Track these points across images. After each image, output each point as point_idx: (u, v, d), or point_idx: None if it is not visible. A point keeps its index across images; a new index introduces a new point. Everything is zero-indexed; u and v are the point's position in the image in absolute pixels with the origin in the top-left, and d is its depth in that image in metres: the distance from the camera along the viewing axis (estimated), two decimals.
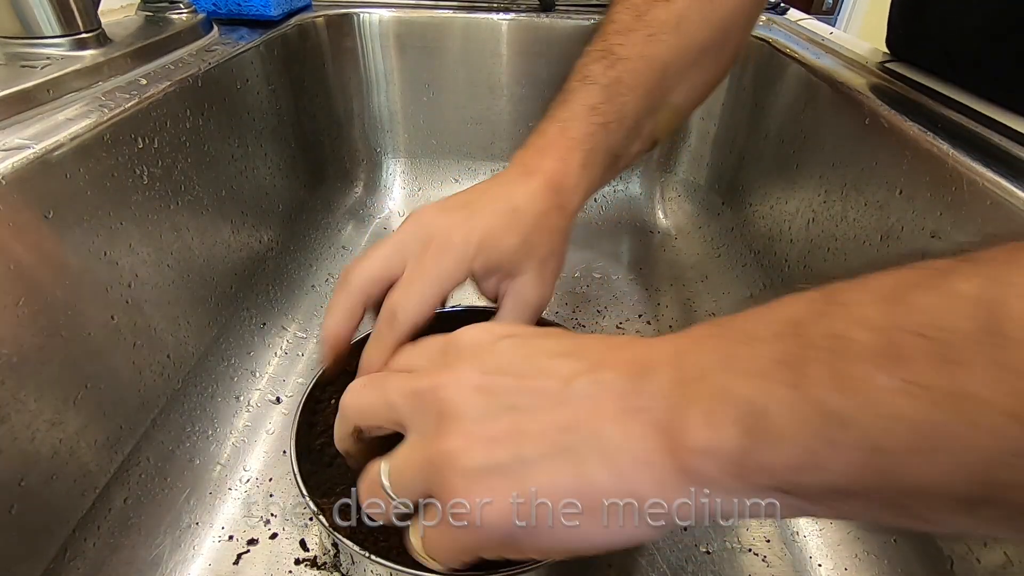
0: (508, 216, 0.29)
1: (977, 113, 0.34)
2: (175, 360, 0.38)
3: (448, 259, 0.28)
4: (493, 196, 0.30)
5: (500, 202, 0.30)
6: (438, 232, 0.28)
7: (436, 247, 0.28)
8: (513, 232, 0.29)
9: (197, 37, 0.45)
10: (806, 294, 0.18)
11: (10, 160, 0.26)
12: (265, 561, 0.34)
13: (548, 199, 0.30)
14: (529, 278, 0.30)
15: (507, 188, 0.30)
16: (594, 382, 0.20)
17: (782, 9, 0.63)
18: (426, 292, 0.28)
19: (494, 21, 0.60)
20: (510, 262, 0.29)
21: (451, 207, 0.30)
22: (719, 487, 0.17)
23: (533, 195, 0.30)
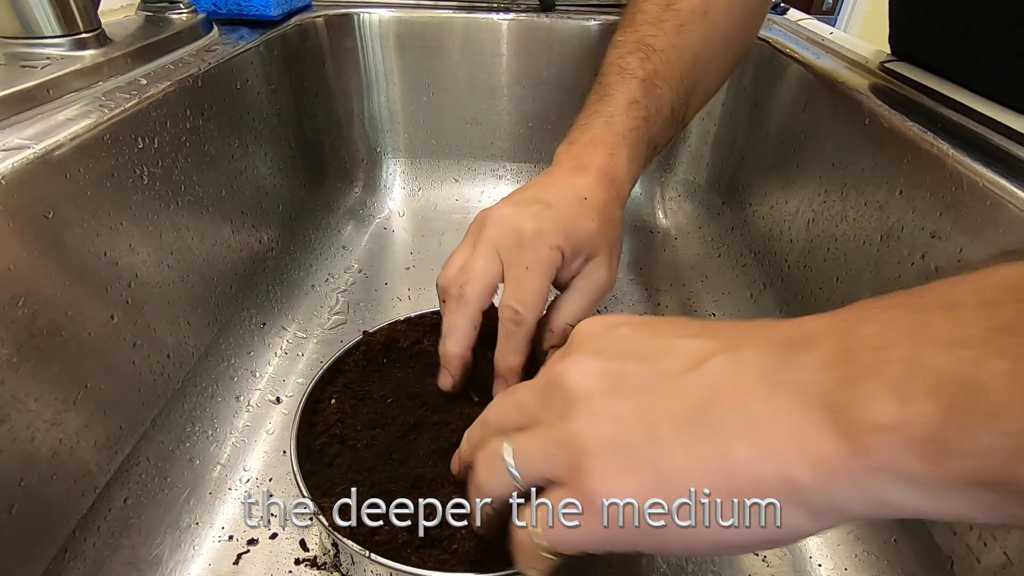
0: (580, 205, 0.31)
1: (977, 113, 0.34)
2: (175, 360, 0.38)
3: (545, 249, 0.29)
4: (559, 189, 0.31)
5: (569, 193, 0.31)
6: (526, 227, 0.29)
7: (531, 241, 0.29)
8: (588, 218, 0.30)
9: (197, 37, 0.45)
10: (1018, 263, 0.15)
11: (10, 160, 0.26)
12: (265, 561, 0.34)
13: (607, 190, 0.32)
14: (602, 260, 0.31)
15: (568, 182, 0.32)
16: (733, 360, 0.17)
17: (782, 9, 0.63)
18: (539, 286, 0.29)
19: (494, 21, 0.60)
20: (591, 245, 0.31)
21: (525, 202, 0.31)
22: (903, 475, 0.14)
23: (594, 187, 0.31)
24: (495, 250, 0.30)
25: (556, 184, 0.32)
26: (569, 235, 0.30)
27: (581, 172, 0.32)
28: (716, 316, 0.53)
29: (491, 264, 0.30)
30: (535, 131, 0.65)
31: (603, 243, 0.31)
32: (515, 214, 0.30)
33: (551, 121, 0.64)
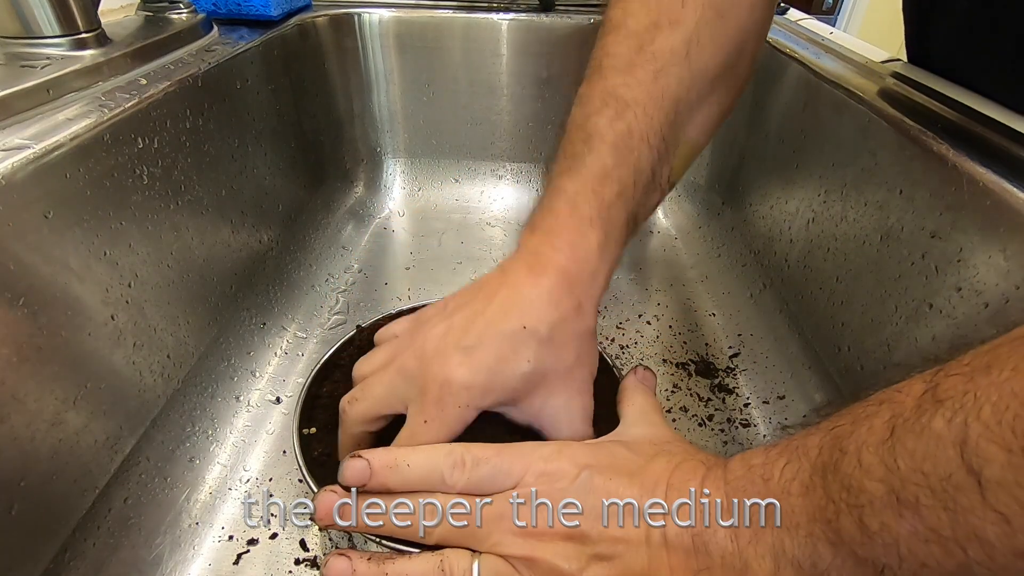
0: (515, 340, 0.26)
1: (977, 113, 0.34)
2: (175, 360, 0.38)
3: (451, 407, 0.26)
4: (497, 313, 0.26)
5: (506, 321, 0.26)
6: (438, 376, 0.26)
7: (437, 397, 0.25)
8: (522, 357, 0.26)
9: (197, 37, 0.45)
10: (814, 434, 0.20)
11: (10, 160, 0.26)
12: (265, 561, 0.34)
13: (562, 303, 0.27)
14: (557, 400, 0.27)
15: (513, 296, 0.27)
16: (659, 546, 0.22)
17: (782, 9, 0.63)
18: (431, 447, 0.26)
19: (494, 21, 0.59)
20: (526, 391, 0.27)
21: (454, 334, 0.26)
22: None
23: (544, 302, 0.26)
24: (402, 382, 0.27)
25: (498, 301, 0.27)
26: (490, 388, 0.26)
27: (536, 275, 0.27)
28: (716, 316, 0.53)
29: (388, 396, 0.27)
30: (535, 131, 0.65)
31: (549, 380, 0.27)
32: (435, 352, 0.26)
33: (551, 121, 0.64)
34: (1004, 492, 0.14)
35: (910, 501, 0.16)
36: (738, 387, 0.46)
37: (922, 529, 0.16)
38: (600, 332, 0.51)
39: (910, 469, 0.16)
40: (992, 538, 0.15)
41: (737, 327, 0.52)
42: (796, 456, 0.20)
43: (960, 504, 0.15)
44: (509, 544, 0.23)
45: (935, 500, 0.16)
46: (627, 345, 0.50)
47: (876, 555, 0.17)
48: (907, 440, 0.17)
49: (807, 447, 0.20)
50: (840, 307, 0.40)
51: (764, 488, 0.21)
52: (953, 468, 0.15)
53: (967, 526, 0.15)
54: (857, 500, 0.17)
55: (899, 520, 0.16)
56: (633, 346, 0.50)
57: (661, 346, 0.50)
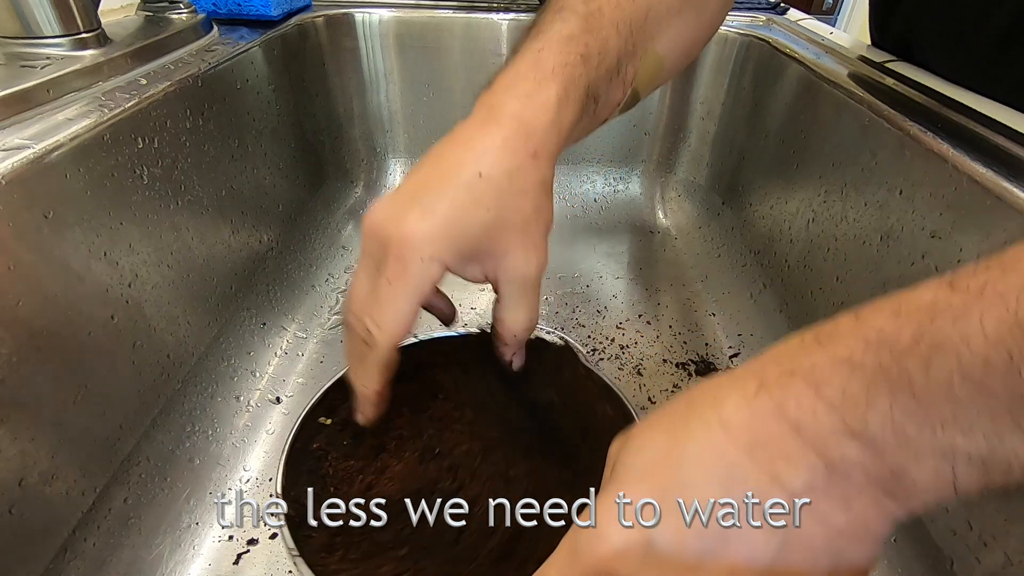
0: (472, 188, 0.25)
1: (977, 113, 0.34)
2: (175, 360, 0.38)
3: (414, 263, 0.25)
4: (451, 165, 0.26)
5: (460, 172, 0.25)
6: (395, 235, 0.25)
7: (396, 253, 0.24)
8: (481, 206, 0.25)
9: (197, 37, 0.45)
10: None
11: (10, 160, 0.26)
12: (265, 561, 0.34)
13: (518, 150, 0.25)
14: (516, 253, 0.26)
15: (467, 148, 0.26)
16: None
17: (782, 9, 0.63)
18: (400, 304, 0.25)
19: (494, 21, 0.59)
20: (488, 241, 0.26)
21: (405, 196, 0.26)
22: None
23: (499, 150, 0.25)
24: (371, 261, 0.26)
25: (452, 155, 0.26)
26: (453, 238, 0.25)
27: (488, 126, 0.26)
28: (716, 316, 0.53)
29: (367, 280, 0.26)
30: None
31: (508, 231, 0.26)
32: (387, 216, 0.25)
33: None
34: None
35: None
36: None
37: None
38: (600, 332, 0.51)
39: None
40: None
41: (737, 327, 0.52)
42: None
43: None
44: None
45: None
46: (627, 345, 0.50)
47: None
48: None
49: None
50: (840, 307, 0.40)
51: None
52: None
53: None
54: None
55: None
56: (633, 346, 0.50)
57: (661, 346, 0.50)
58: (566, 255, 0.61)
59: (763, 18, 0.61)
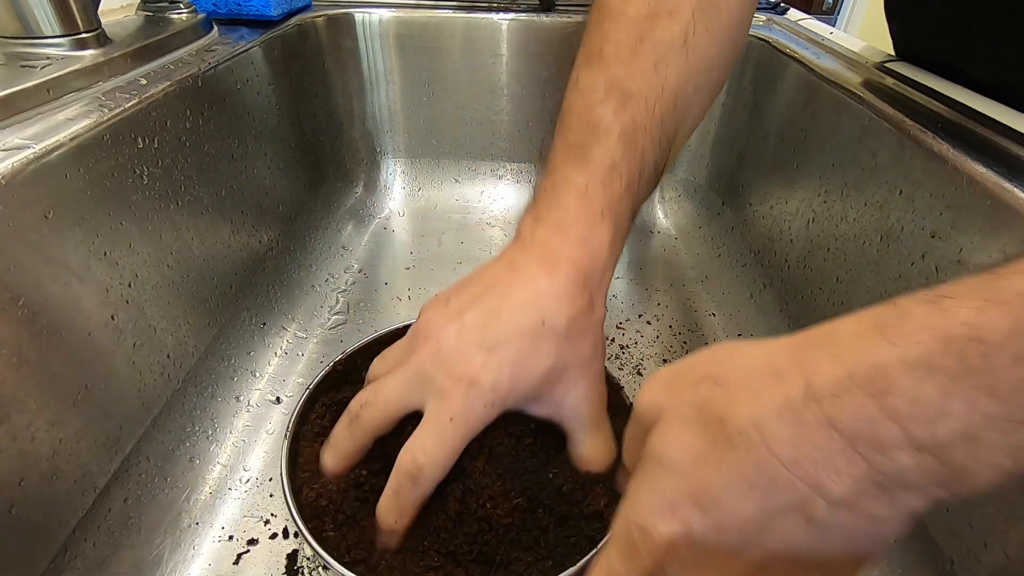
0: (535, 336, 0.26)
1: (977, 113, 0.34)
2: (175, 360, 0.38)
3: (477, 406, 0.25)
4: (514, 308, 0.26)
5: (524, 316, 0.26)
6: (464, 374, 0.25)
7: (463, 393, 0.25)
8: (544, 354, 0.26)
9: (197, 37, 0.45)
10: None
11: (10, 160, 0.26)
12: (265, 561, 0.34)
13: (578, 297, 0.26)
14: (576, 392, 0.27)
15: (528, 291, 0.26)
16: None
17: (782, 9, 0.63)
18: (456, 444, 0.25)
19: (494, 21, 0.59)
20: (548, 385, 0.26)
21: (470, 334, 0.26)
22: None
23: (560, 298, 0.26)
24: (418, 381, 0.26)
25: (514, 295, 0.26)
26: (515, 386, 0.25)
27: (549, 270, 0.27)
28: (716, 316, 0.53)
29: (405, 396, 0.26)
30: (535, 131, 0.65)
31: (567, 374, 0.26)
32: (455, 350, 0.26)
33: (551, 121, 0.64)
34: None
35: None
36: None
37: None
38: None
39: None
40: None
41: (737, 327, 0.52)
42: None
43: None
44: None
45: None
46: (627, 345, 0.50)
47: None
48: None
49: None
50: (840, 307, 0.40)
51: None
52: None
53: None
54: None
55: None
56: (633, 346, 0.50)
57: (661, 346, 0.50)
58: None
59: (763, 18, 0.61)
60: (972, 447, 0.14)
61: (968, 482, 0.15)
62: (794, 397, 0.17)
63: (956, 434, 0.14)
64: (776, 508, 0.17)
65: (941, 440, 0.15)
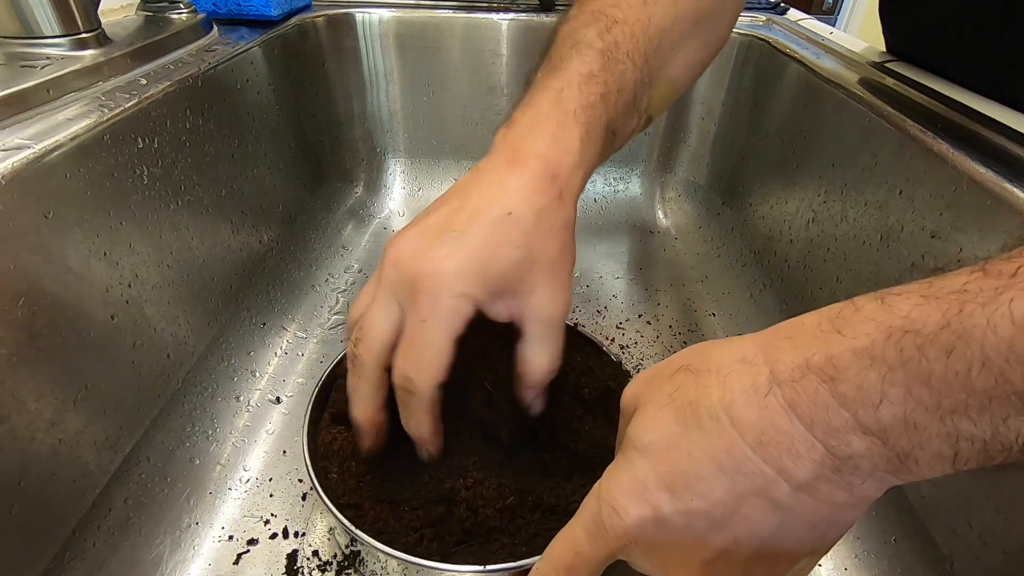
0: (501, 226, 0.25)
1: (977, 113, 0.34)
2: (175, 360, 0.38)
3: (445, 299, 0.24)
4: (480, 202, 0.26)
5: (489, 210, 0.25)
6: (423, 270, 0.24)
7: (428, 289, 0.24)
8: (511, 244, 0.25)
9: (197, 37, 0.45)
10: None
11: (10, 160, 0.26)
12: (265, 561, 0.34)
13: (545, 191, 0.26)
14: (543, 292, 0.26)
15: (495, 187, 0.26)
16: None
17: (782, 9, 0.63)
18: (437, 344, 0.24)
19: (494, 21, 0.59)
20: (516, 279, 0.25)
21: (433, 231, 0.26)
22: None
23: (527, 190, 0.26)
24: (393, 296, 0.25)
25: (479, 193, 0.26)
26: (483, 275, 0.24)
27: (515, 167, 0.26)
28: (716, 316, 0.53)
29: (387, 316, 0.25)
30: None
31: (536, 269, 0.26)
32: (415, 250, 0.25)
33: None
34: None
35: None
36: None
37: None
38: (600, 332, 0.51)
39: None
40: None
41: (737, 327, 0.52)
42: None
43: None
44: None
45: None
46: (627, 345, 0.50)
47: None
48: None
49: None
50: None
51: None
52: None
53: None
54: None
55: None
56: (633, 346, 0.50)
57: (661, 346, 0.50)
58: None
59: (763, 18, 0.61)
60: (913, 434, 0.16)
61: (913, 469, 0.17)
62: (760, 383, 0.18)
63: (896, 419, 0.16)
64: (743, 492, 0.18)
65: (884, 424, 0.16)
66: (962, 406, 0.15)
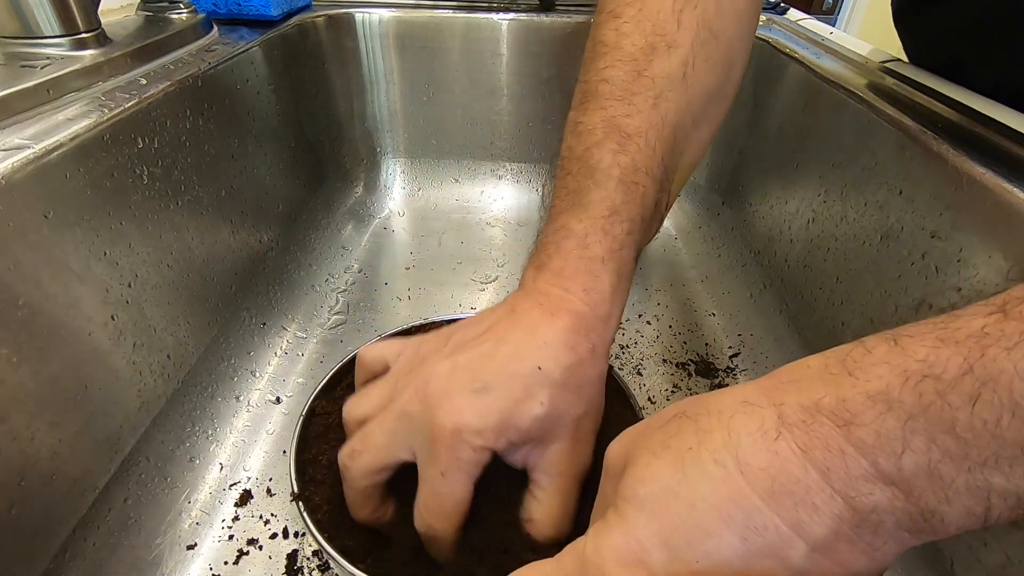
0: (529, 381, 0.24)
1: (977, 113, 0.34)
2: (175, 360, 0.38)
3: (466, 453, 0.23)
4: (509, 352, 0.25)
5: (519, 362, 0.24)
6: (448, 424, 0.23)
7: (448, 446, 0.23)
8: (536, 400, 0.24)
9: (197, 37, 0.45)
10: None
11: (10, 160, 0.26)
12: (265, 561, 0.34)
13: (578, 346, 0.25)
14: (561, 447, 0.25)
15: (529, 335, 0.25)
16: None
17: (782, 9, 0.63)
18: (458, 494, 0.24)
19: (494, 21, 0.59)
20: (538, 432, 0.25)
21: (463, 376, 0.24)
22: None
23: (559, 344, 0.25)
24: (407, 427, 0.25)
25: (509, 341, 0.25)
26: (504, 428, 0.24)
27: (548, 318, 0.25)
28: (716, 316, 0.53)
29: (394, 443, 0.25)
30: (535, 131, 0.65)
31: (559, 425, 0.25)
32: (441, 393, 0.24)
33: (551, 121, 0.64)
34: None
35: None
36: None
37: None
38: None
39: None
40: None
41: (737, 327, 0.52)
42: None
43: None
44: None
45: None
46: (627, 345, 0.50)
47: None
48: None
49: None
50: (840, 307, 0.40)
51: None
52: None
53: None
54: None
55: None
56: (633, 346, 0.50)
57: (661, 346, 0.50)
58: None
59: (763, 18, 0.61)
60: (939, 488, 0.15)
61: (939, 528, 0.15)
62: (767, 426, 0.17)
63: (921, 470, 0.15)
64: (754, 551, 0.16)
65: (907, 475, 0.15)
66: (992, 458, 0.14)
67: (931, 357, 0.15)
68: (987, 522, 0.15)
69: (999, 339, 0.14)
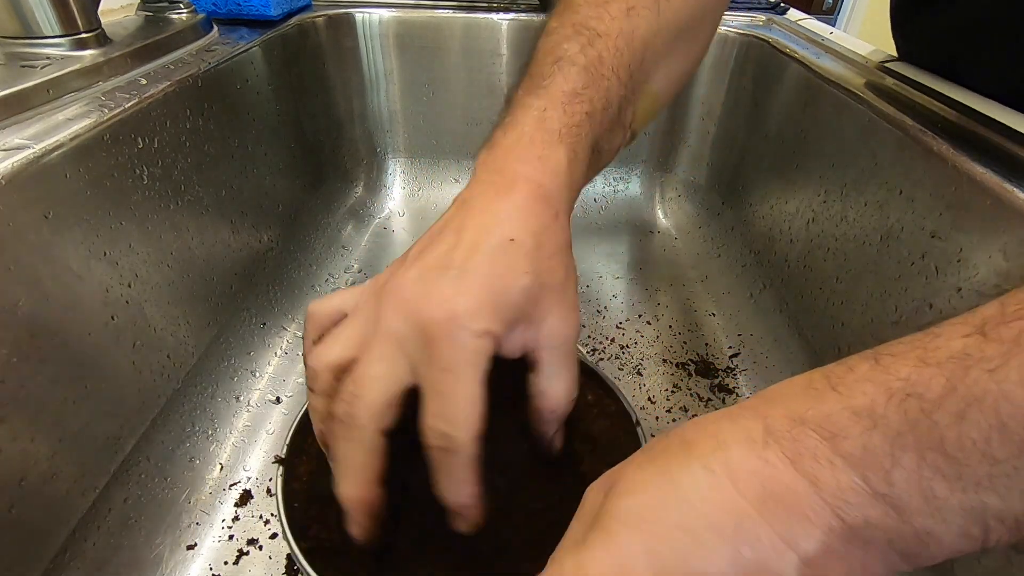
0: (505, 254, 0.23)
1: (977, 113, 0.34)
2: (175, 360, 0.38)
3: (467, 340, 0.21)
4: (476, 234, 0.23)
5: (488, 239, 0.23)
6: (437, 315, 0.22)
7: (446, 334, 0.21)
8: (519, 271, 0.23)
9: (197, 37, 0.45)
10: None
11: (10, 160, 0.26)
12: (265, 561, 0.34)
13: (541, 214, 0.24)
14: (555, 318, 0.24)
15: (488, 215, 0.24)
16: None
17: (782, 9, 0.63)
18: (469, 391, 0.21)
19: (494, 21, 0.60)
20: (531, 304, 0.23)
21: (433, 272, 0.23)
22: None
23: (522, 214, 0.24)
24: (398, 347, 0.22)
25: (471, 225, 0.24)
26: (498, 307, 0.22)
27: (505, 192, 0.24)
28: (716, 316, 0.53)
29: (393, 369, 0.22)
30: None
31: (546, 294, 0.24)
32: (419, 295, 0.22)
33: None
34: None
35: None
36: (738, 387, 0.46)
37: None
38: (600, 332, 0.51)
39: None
40: None
41: (737, 327, 0.52)
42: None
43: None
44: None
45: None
46: (627, 345, 0.50)
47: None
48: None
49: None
50: (840, 307, 0.40)
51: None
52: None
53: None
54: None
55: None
56: (633, 346, 0.50)
57: (661, 346, 0.50)
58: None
59: (763, 18, 0.61)
60: (933, 505, 0.14)
61: (936, 551, 0.15)
62: (755, 436, 0.16)
63: (912, 487, 0.14)
64: (749, 566, 0.15)
65: (898, 491, 0.15)
66: (986, 478, 0.14)
67: (913, 376, 0.15)
68: (986, 545, 0.15)
69: (980, 360, 0.14)
